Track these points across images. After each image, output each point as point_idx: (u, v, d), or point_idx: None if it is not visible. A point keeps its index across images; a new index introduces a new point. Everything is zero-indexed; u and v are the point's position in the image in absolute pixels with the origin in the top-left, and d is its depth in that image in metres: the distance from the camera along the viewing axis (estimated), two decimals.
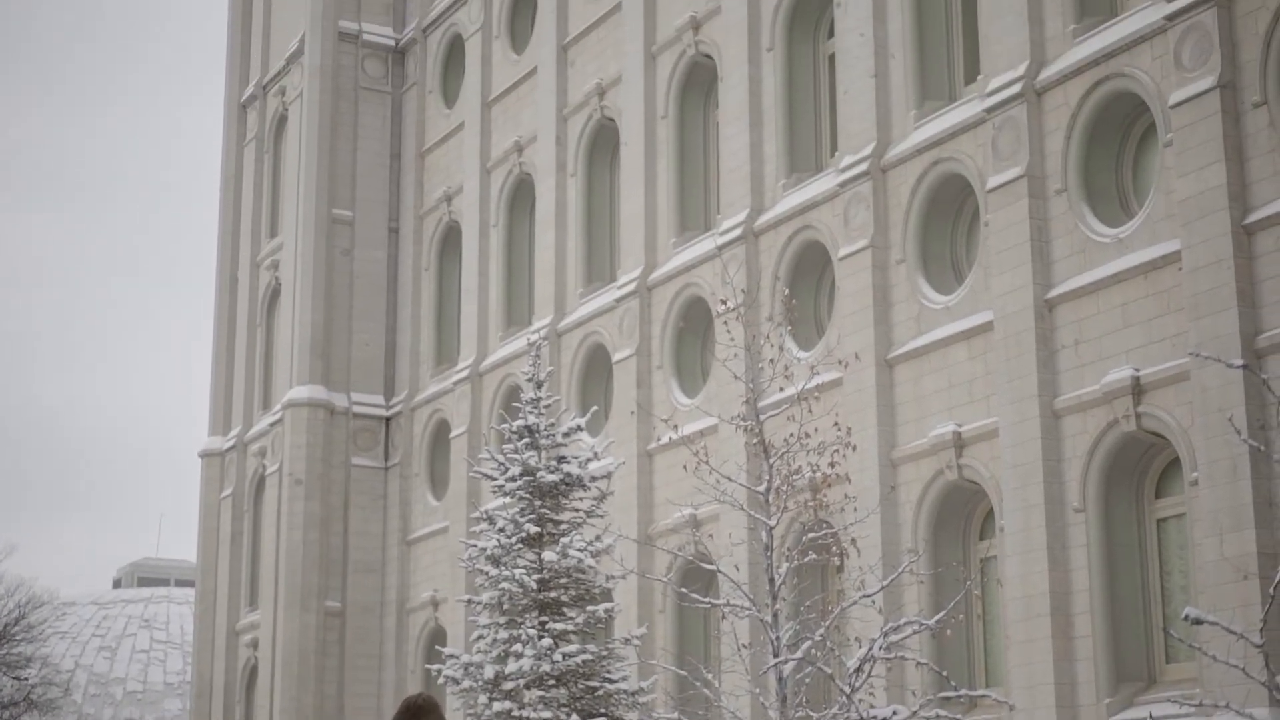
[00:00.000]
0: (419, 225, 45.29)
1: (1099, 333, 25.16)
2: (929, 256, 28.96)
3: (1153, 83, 24.96)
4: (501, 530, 26.27)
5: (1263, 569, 21.59)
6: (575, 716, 25.35)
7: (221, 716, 46.63)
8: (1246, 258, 22.98)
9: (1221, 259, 23.02)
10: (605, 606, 26.38)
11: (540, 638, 25.41)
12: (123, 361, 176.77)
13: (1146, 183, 25.81)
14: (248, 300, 49.16)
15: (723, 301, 26.03)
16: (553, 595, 26.05)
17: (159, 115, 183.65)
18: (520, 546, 26.15)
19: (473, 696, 26.14)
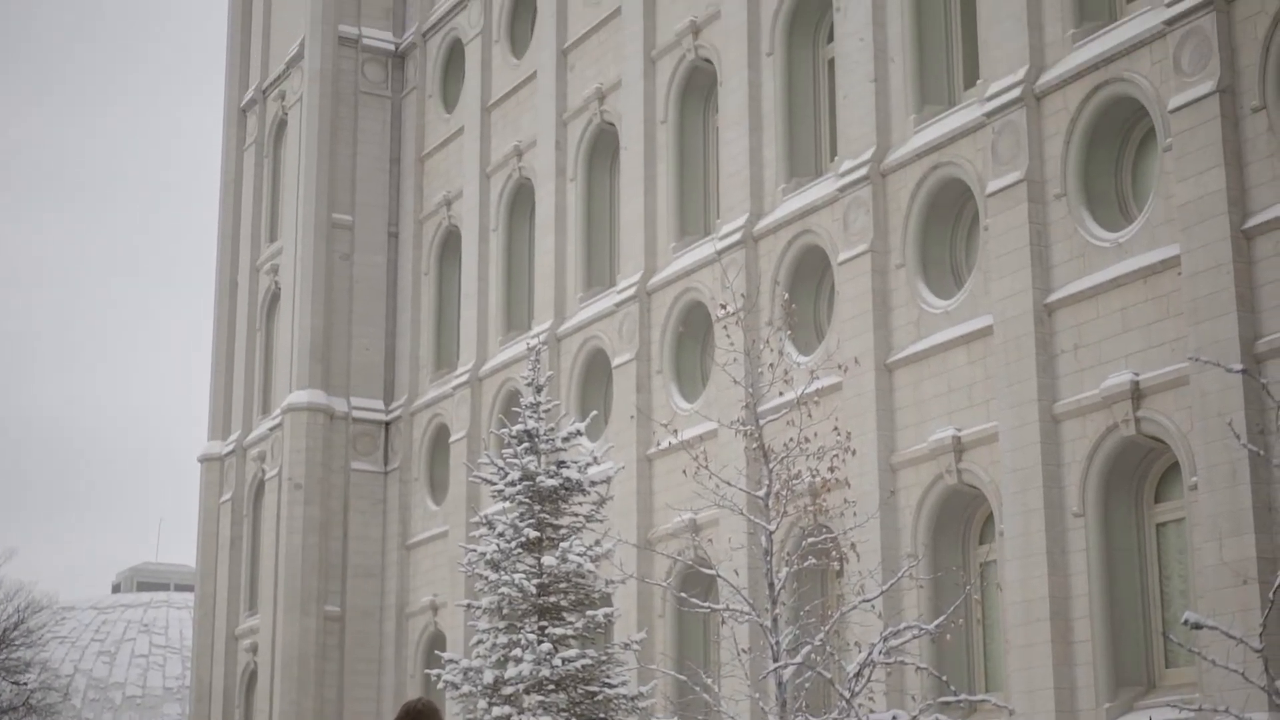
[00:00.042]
0: (419, 230, 45.30)
1: (1098, 337, 25.16)
2: (928, 261, 28.96)
3: (1152, 87, 24.97)
4: (501, 535, 26.25)
5: (1262, 573, 21.58)
6: None
7: None
8: (1246, 262, 22.98)
9: (1221, 264, 23.02)
10: (605, 611, 26.35)
11: (540, 642, 25.38)
12: (122, 365, 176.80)
13: (1146, 187, 25.81)
14: (247, 304, 49.17)
15: (722, 306, 26.02)
16: (552, 600, 26.03)
17: (158, 117, 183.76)
18: (520, 551, 26.13)
19: (472, 701, 26.12)
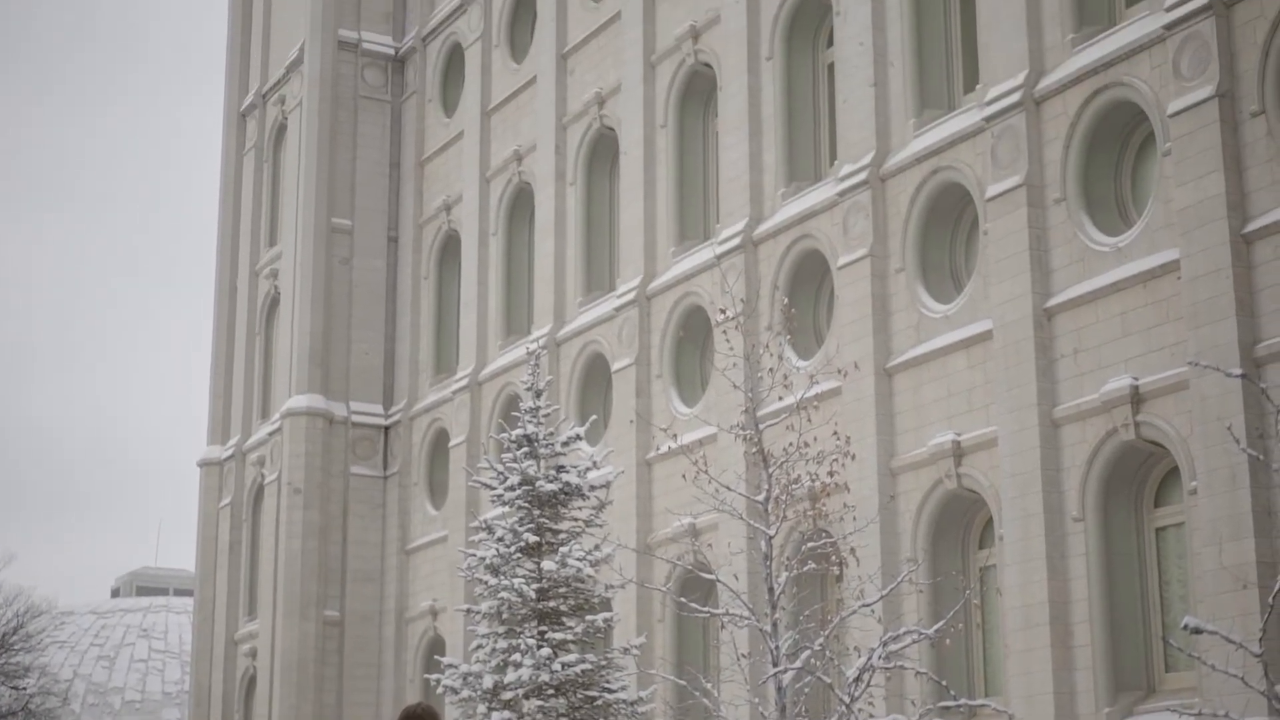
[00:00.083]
0: (418, 234, 45.29)
1: (1098, 342, 25.15)
2: (928, 265, 28.96)
3: (1151, 92, 24.97)
4: (500, 539, 26.24)
5: (1262, 578, 21.57)
6: None
7: None
8: (1245, 266, 22.97)
9: (1220, 268, 23.02)
10: (604, 616, 26.34)
11: (539, 647, 25.37)
12: (121, 369, 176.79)
13: (1145, 192, 25.82)
14: (247, 309, 49.16)
15: (722, 311, 26.01)
16: (552, 605, 26.02)
17: (158, 118, 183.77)
18: (519, 556, 26.12)
19: (471, 706, 26.11)
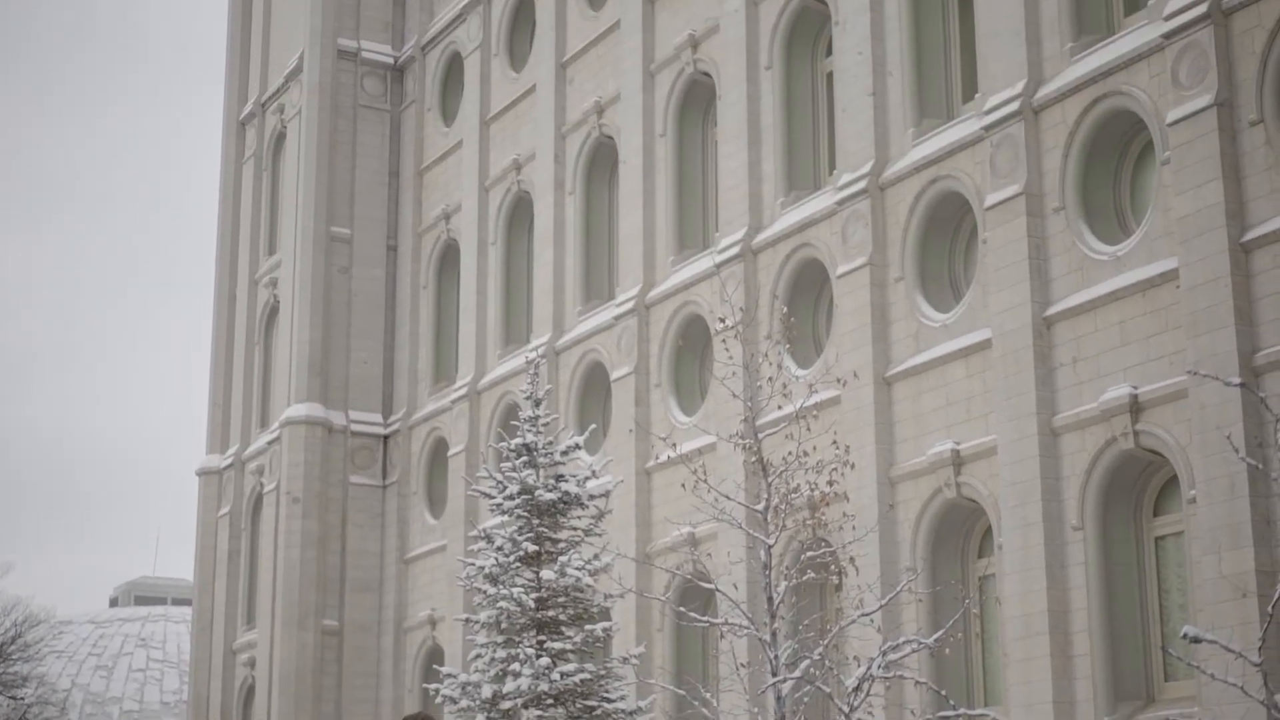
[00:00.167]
0: (417, 243, 45.31)
1: (1097, 350, 25.16)
2: (927, 274, 28.97)
3: (1150, 101, 24.99)
4: (499, 549, 26.20)
5: (1261, 587, 21.56)
6: None
7: None
8: (1244, 275, 22.98)
9: (1219, 277, 23.03)
10: (603, 625, 26.29)
11: (538, 657, 25.33)
12: (120, 378, 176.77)
13: (1144, 200, 25.83)
14: (246, 318, 49.16)
15: (721, 319, 25.97)
16: (551, 614, 25.98)
17: (158, 120, 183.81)
18: (518, 565, 26.08)
19: (470, 716, 26.04)
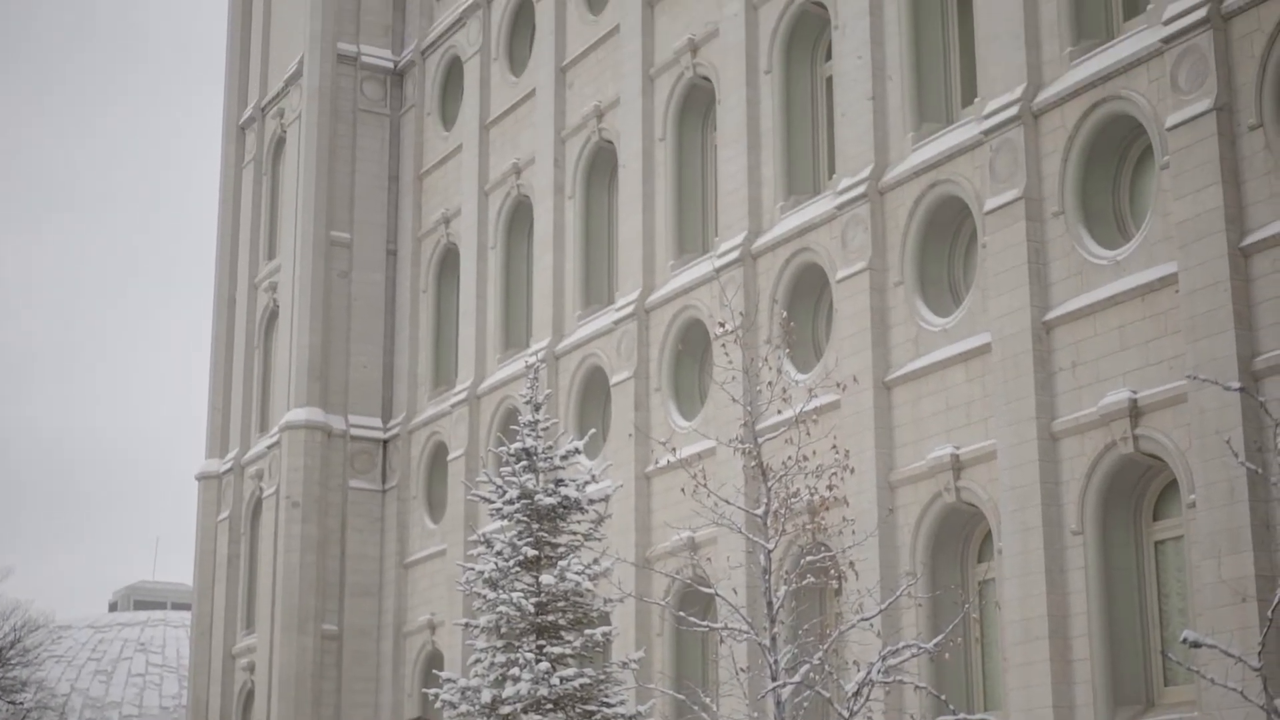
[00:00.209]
0: (417, 247, 45.31)
1: (1096, 355, 25.15)
2: (927, 279, 28.97)
3: (1149, 105, 25.00)
4: (499, 553, 26.20)
5: (1260, 591, 21.56)
6: None
7: None
8: (1243, 280, 22.98)
9: (1219, 281, 23.02)
10: (603, 630, 26.29)
11: (538, 661, 25.32)
12: (120, 382, 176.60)
13: (1144, 205, 25.83)
14: (245, 322, 49.16)
15: (720, 324, 25.98)
16: (550, 619, 25.97)
17: (158, 121, 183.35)
18: (518, 569, 26.08)
19: None
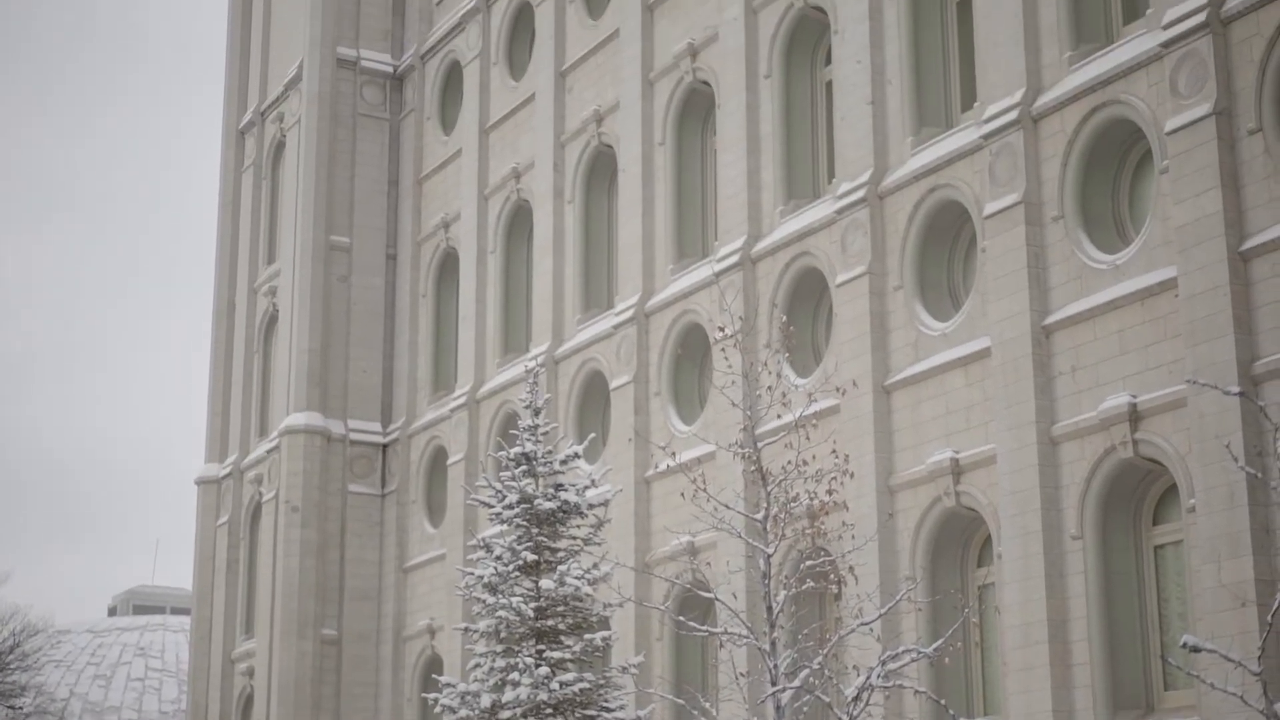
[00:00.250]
0: (416, 252, 45.31)
1: (1096, 359, 25.15)
2: (926, 283, 28.97)
3: (1149, 110, 25.00)
4: (499, 558, 26.19)
5: (1260, 596, 21.55)
6: None
7: None
8: (1243, 284, 22.98)
9: (1218, 285, 23.03)
10: (603, 635, 26.27)
11: (537, 666, 25.32)
12: (119, 387, 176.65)
13: (1143, 209, 25.83)
14: (245, 327, 49.15)
15: (720, 328, 25.99)
16: (550, 623, 25.96)
17: (158, 121, 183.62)
18: (517, 574, 26.07)
19: None
